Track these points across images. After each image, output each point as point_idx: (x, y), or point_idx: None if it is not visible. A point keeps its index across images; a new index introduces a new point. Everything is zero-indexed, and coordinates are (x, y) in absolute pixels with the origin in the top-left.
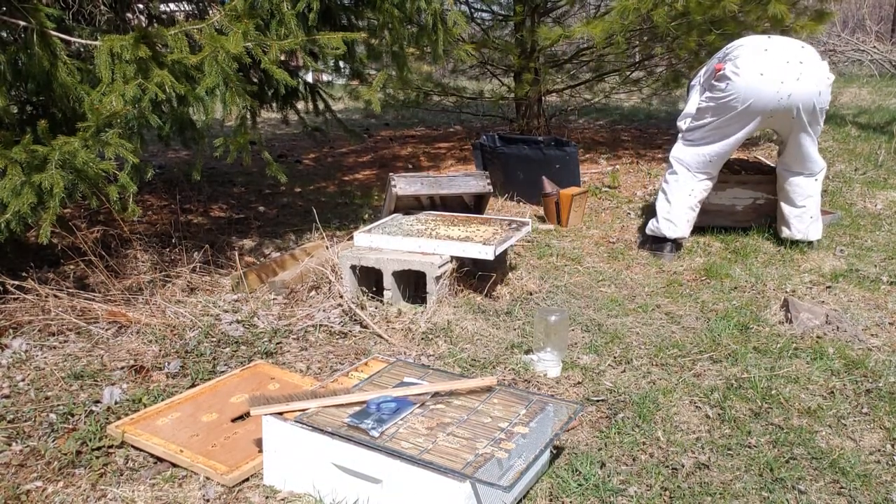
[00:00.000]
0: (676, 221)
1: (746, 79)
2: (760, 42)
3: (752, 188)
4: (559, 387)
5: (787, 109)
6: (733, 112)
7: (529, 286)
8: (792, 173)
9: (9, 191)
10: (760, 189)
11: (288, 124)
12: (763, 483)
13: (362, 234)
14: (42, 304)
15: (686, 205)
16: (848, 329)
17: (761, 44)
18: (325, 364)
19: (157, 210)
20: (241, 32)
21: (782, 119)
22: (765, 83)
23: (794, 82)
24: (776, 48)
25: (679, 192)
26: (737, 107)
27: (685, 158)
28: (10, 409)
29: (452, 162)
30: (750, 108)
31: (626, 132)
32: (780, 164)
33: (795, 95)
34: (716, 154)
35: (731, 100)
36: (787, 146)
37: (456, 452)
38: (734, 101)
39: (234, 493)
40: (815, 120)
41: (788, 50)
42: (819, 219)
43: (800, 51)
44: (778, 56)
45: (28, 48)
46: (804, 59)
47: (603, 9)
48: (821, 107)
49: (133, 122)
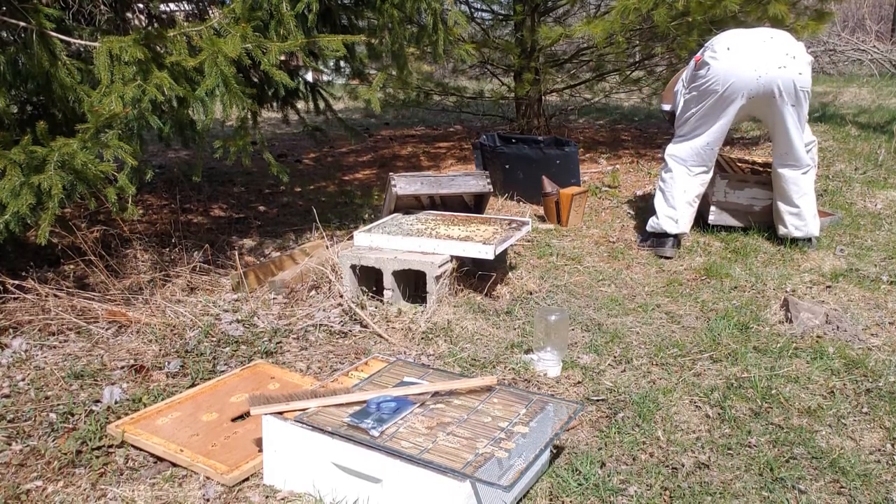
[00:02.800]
0: (677, 217)
1: (724, 61)
2: (737, 31)
3: (771, 189)
4: (559, 386)
5: (766, 89)
6: (715, 96)
7: (529, 286)
8: (784, 166)
9: (8, 191)
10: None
11: (288, 124)
12: (763, 483)
13: (362, 233)
14: (42, 303)
15: (685, 200)
16: (848, 329)
17: (738, 32)
18: (325, 364)
19: (157, 210)
20: (240, 35)
21: (765, 102)
22: (742, 63)
23: (772, 61)
24: (752, 33)
25: (677, 188)
26: (718, 90)
27: (679, 154)
28: (10, 408)
29: (452, 161)
30: (731, 90)
31: (626, 132)
32: (774, 159)
33: (773, 74)
34: (707, 144)
35: (712, 83)
36: (775, 135)
37: (456, 452)
38: (715, 85)
39: (234, 492)
40: (797, 102)
41: (764, 33)
42: (817, 216)
43: (775, 33)
44: (753, 38)
45: (28, 49)
46: (780, 40)
47: (603, 8)
48: (801, 86)
49: (133, 123)
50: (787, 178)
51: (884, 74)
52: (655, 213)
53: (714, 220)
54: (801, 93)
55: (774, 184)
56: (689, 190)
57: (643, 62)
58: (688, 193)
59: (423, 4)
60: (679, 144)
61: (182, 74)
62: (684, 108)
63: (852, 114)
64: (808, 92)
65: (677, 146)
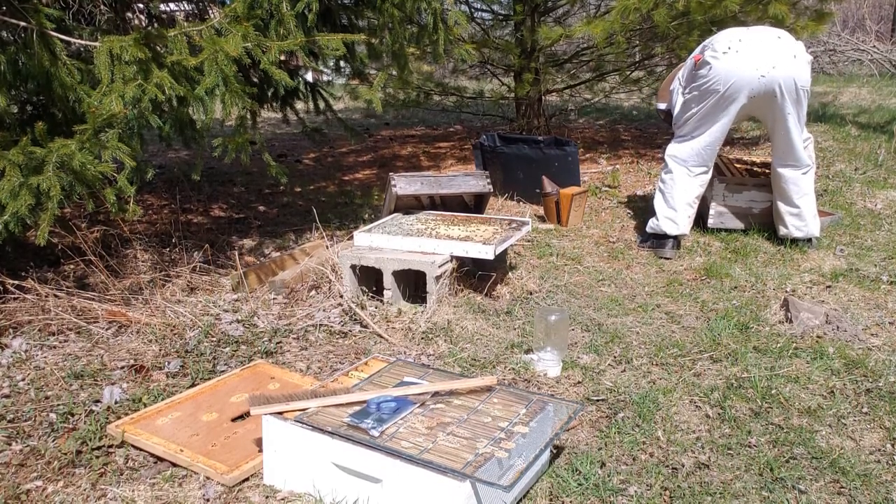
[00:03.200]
0: (677, 219)
1: (725, 61)
2: (736, 30)
3: (770, 191)
4: (559, 386)
5: (768, 88)
6: (716, 96)
7: (529, 286)
8: (784, 166)
9: (7, 192)
10: None
11: (288, 124)
12: (763, 483)
13: (362, 233)
14: (42, 303)
15: (685, 201)
16: (848, 329)
17: (737, 31)
18: (325, 364)
19: (157, 210)
20: (241, 34)
21: (766, 101)
22: (744, 63)
23: (773, 60)
24: (752, 32)
25: (677, 189)
26: (719, 89)
27: (679, 154)
28: (10, 408)
29: (452, 161)
30: (732, 89)
31: (626, 132)
32: (774, 160)
33: (775, 73)
34: (708, 144)
35: (714, 83)
36: (774, 135)
37: (456, 452)
38: (716, 84)
39: (234, 492)
40: (797, 101)
41: (764, 32)
42: (817, 216)
43: (776, 33)
44: (754, 37)
45: (28, 48)
46: (781, 39)
47: (603, 8)
48: (802, 86)
49: (133, 123)
50: (787, 179)
51: (884, 74)
52: (655, 215)
53: (713, 224)
54: (802, 92)
55: (774, 184)
56: (690, 191)
57: (643, 62)
58: (688, 194)
59: (424, 4)
60: (680, 145)
61: (182, 73)
62: (684, 108)
63: (852, 114)
64: (807, 91)
65: (678, 146)
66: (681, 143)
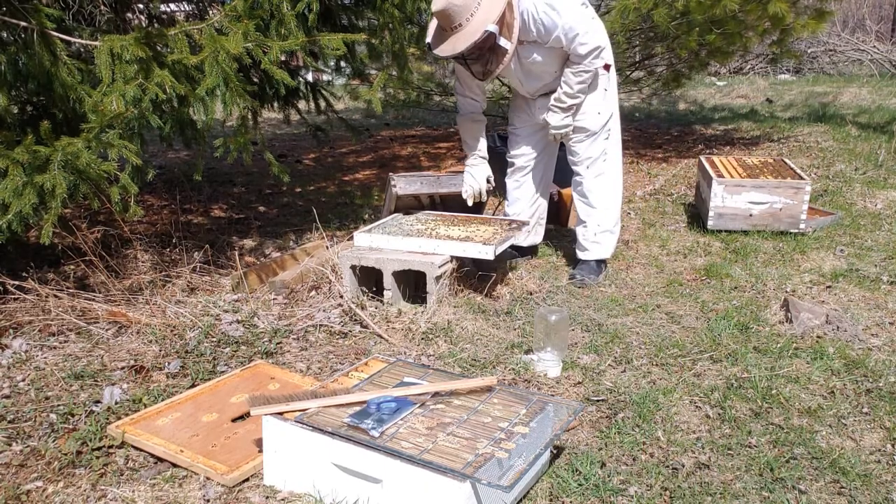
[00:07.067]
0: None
1: None
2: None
3: (769, 192)
4: (559, 387)
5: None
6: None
7: (529, 286)
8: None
9: (10, 191)
10: (777, 194)
11: (289, 124)
12: (763, 483)
13: (362, 233)
14: (42, 304)
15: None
16: (848, 329)
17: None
18: (325, 364)
19: (158, 210)
20: (242, 33)
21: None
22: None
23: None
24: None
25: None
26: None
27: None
28: (10, 409)
29: (452, 162)
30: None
31: (626, 132)
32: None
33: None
34: None
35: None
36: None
37: (456, 452)
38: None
39: (234, 493)
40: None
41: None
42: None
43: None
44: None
45: (29, 48)
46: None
47: (603, 8)
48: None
49: (134, 123)
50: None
51: (884, 74)
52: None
53: (713, 226)
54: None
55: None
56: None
57: (643, 62)
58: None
59: (424, 4)
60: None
61: (183, 73)
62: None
63: (852, 114)
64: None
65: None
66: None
